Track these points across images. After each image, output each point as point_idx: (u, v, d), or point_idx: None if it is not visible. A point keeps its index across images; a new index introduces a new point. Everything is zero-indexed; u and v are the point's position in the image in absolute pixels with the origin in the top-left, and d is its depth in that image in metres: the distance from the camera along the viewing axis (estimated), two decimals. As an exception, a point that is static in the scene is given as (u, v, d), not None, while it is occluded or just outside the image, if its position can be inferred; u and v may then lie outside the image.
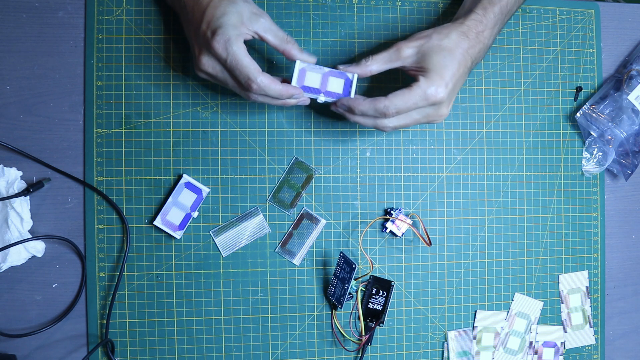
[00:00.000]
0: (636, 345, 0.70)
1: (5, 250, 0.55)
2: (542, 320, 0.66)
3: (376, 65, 0.54)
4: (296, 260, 0.61)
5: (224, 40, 0.49)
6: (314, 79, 0.54)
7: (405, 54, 0.53)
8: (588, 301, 0.68)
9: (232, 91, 0.55)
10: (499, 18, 0.56)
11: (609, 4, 0.70)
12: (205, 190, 0.59)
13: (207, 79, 0.53)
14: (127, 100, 0.59)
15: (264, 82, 0.50)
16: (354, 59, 0.63)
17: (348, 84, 0.54)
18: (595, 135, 0.66)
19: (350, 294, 0.60)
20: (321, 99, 0.54)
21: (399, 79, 0.63)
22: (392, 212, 0.62)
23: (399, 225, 0.62)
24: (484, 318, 0.65)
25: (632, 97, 0.65)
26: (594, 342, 0.68)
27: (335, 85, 0.54)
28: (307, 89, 0.54)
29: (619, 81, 0.67)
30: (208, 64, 0.51)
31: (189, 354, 0.59)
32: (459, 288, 0.65)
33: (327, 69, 0.54)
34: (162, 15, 0.59)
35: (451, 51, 0.52)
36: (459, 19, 0.55)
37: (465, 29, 0.54)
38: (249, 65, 0.49)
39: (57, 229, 0.58)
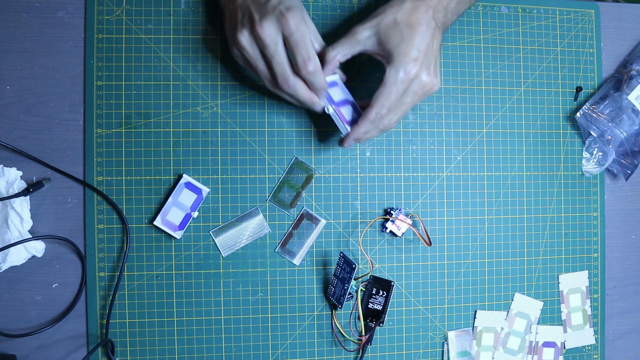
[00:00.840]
0: (636, 345, 0.70)
1: (5, 250, 0.55)
2: (542, 320, 0.66)
3: (339, 54, 0.54)
4: (296, 260, 0.61)
5: (299, 17, 0.49)
6: (335, 93, 0.57)
7: (361, 36, 0.53)
8: (588, 301, 0.68)
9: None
10: None
11: (609, 4, 0.70)
12: (205, 190, 0.59)
13: (245, 50, 0.51)
14: (127, 100, 0.59)
15: (319, 66, 0.51)
16: (354, 60, 0.63)
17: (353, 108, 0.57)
18: (595, 135, 0.66)
19: (350, 294, 0.60)
20: (330, 110, 0.55)
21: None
22: (392, 212, 0.62)
23: (399, 225, 0.62)
24: (484, 318, 0.65)
25: (632, 97, 0.65)
26: (594, 342, 0.68)
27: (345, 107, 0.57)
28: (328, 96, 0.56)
29: (619, 81, 0.67)
30: (269, 30, 0.49)
31: (189, 354, 0.59)
32: (459, 288, 0.65)
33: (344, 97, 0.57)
34: (162, 15, 0.59)
35: (408, 23, 0.51)
36: None
37: None
38: (312, 47, 0.50)
39: (57, 229, 0.58)
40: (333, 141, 0.62)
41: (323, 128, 0.62)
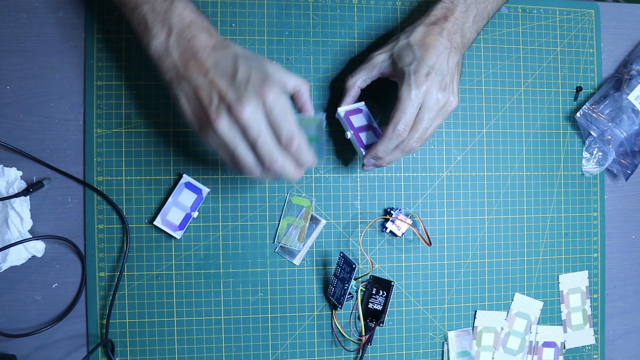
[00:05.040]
0: (636, 345, 0.70)
1: (5, 250, 0.55)
2: (542, 320, 0.66)
3: (358, 80, 0.57)
4: (296, 260, 0.61)
5: (277, 88, 0.44)
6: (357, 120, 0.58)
7: (377, 61, 0.56)
8: (588, 301, 0.68)
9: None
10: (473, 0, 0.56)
11: (609, 4, 0.70)
12: (205, 190, 0.59)
13: (225, 136, 0.45)
14: (127, 100, 0.59)
15: (304, 142, 0.46)
16: (354, 60, 0.63)
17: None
18: (595, 135, 0.66)
19: (350, 294, 0.60)
20: (348, 135, 0.57)
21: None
22: (392, 212, 0.62)
23: (399, 225, 0.62)
24: (484, 318, 0.65)
25: (632, 97, 0.65)
26: (594, 342, 0.68)
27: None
28: (349, 121, 0.58)
29: (619, 81, 0.67)
30: (250, 110, 0.43)
31: (189, 354, 0.59)
32: (459, 288, 0.65)
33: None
34: (162, 15, 0.59)
35: (421, 44, 0.52)
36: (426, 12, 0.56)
37: (432, 19, 0.54)
38: (294, 121, 0.45)
39: (57, 229, 0.58)
40: (333, 141, 0.62)
41: (323, 128, 0.62)
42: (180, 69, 0.46)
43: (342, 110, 0.58)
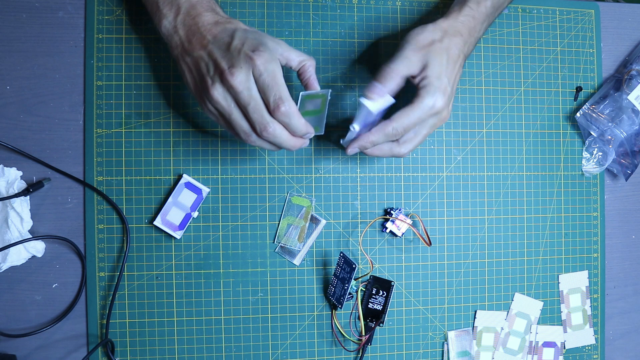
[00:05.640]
0: (636, 345, 0.70)
1: (5, 250, 0.55)
2: (542, 320, 0.66)
3: (402, 72, 0.52)
4: (296, 260, 0.61)
5: (267, 56, 0.46)
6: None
7: (413, 60, 0.52)
8: (588, 301, 0.68)
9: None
10: (490, 12, 0.57)
11: (609, 4, 0.70)
12: (205, 190, 0.59)
13: (219, 103, 0.48)
14: (127, 100, 0.59)
15: (293, 108, 0.47)
16: (355, 60, 0.63)
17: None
18: (595, 135, 0.66)
19: (350, 294, 0.60)
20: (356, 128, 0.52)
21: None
22: (392, 212, 0.62)
23: (399, 225, 0.62)
24: (484, 318, 0.65)
25: (632, 97, 0.65)
26: (594, 342, 0.68)
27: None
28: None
29: (619, 81, 0.67)
30: (240, 77, 0.46)
31: (189, 354, 0.59)
32: (459, 288, 0.65)
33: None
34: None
35: (449, 57, 0.52)
36: (453, 13, 0.55)
37: (460, 27, 0.54)
38: (284, 87, 0.47)
39: (57, 229, 0.58)
40: (333, 141, 0.62)
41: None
42: (185, 45, 0.50)
43: (374, 107, 0.51)
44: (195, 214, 0.59)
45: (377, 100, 0.51)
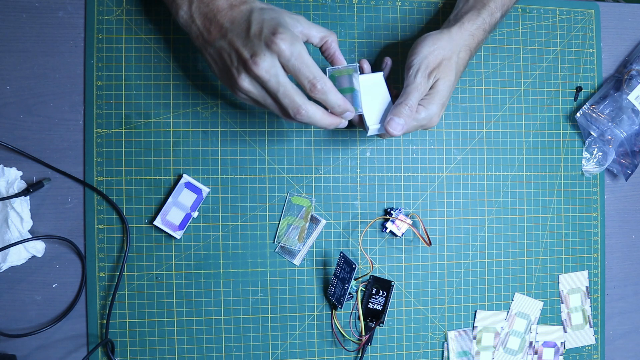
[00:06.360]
0: (636, 345, 0.70)
1: (5, 250, 0.55)
2: (542, 320, 0.66)
3: (422, 84, 0.53)
4: (296, 260, 0.61)
5: (289, 38, 0.45)
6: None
7: (425, 86, 0.53)
8: (588, 301, 0.68)
9: (259, 109, 0.57)
10: (498, 21, 0.58)
11: (609, 4, 0.70)
12: (205, 190, 0.59)
13: (250, 92, 0.48)
14: (127, 100, 0.59)
15: (328, 84, 0.47)
16: (354, 60, 0.63)
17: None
18: (595, 135, 0.66)
19: (350, 294, 0.60)
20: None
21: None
22: (392, 212, 0.62)
23: (399, 225, 0.62)
24: (484, 318, 0.65)
25: (632, 97, 0.65)
26: (594, 342, 0.68)
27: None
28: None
29: (619, 81, 0.67)
30: (265, 65, 0.45)
31: (189, 354, 0.59)
32: (459, 288, 0.65)
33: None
34: (162, 15, 0.59)
35: (457, 70, 0.54)
36: (466, 23, 0.55)
37: (470, 40, 0.55)
38: (314, 64, 0.46)
39: (57, 229, 0.58)
40: (333, 141, 0.62)
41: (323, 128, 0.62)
42: (205, 35, 0.49)
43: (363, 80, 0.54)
44: (195, 214, 0.59)
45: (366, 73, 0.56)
